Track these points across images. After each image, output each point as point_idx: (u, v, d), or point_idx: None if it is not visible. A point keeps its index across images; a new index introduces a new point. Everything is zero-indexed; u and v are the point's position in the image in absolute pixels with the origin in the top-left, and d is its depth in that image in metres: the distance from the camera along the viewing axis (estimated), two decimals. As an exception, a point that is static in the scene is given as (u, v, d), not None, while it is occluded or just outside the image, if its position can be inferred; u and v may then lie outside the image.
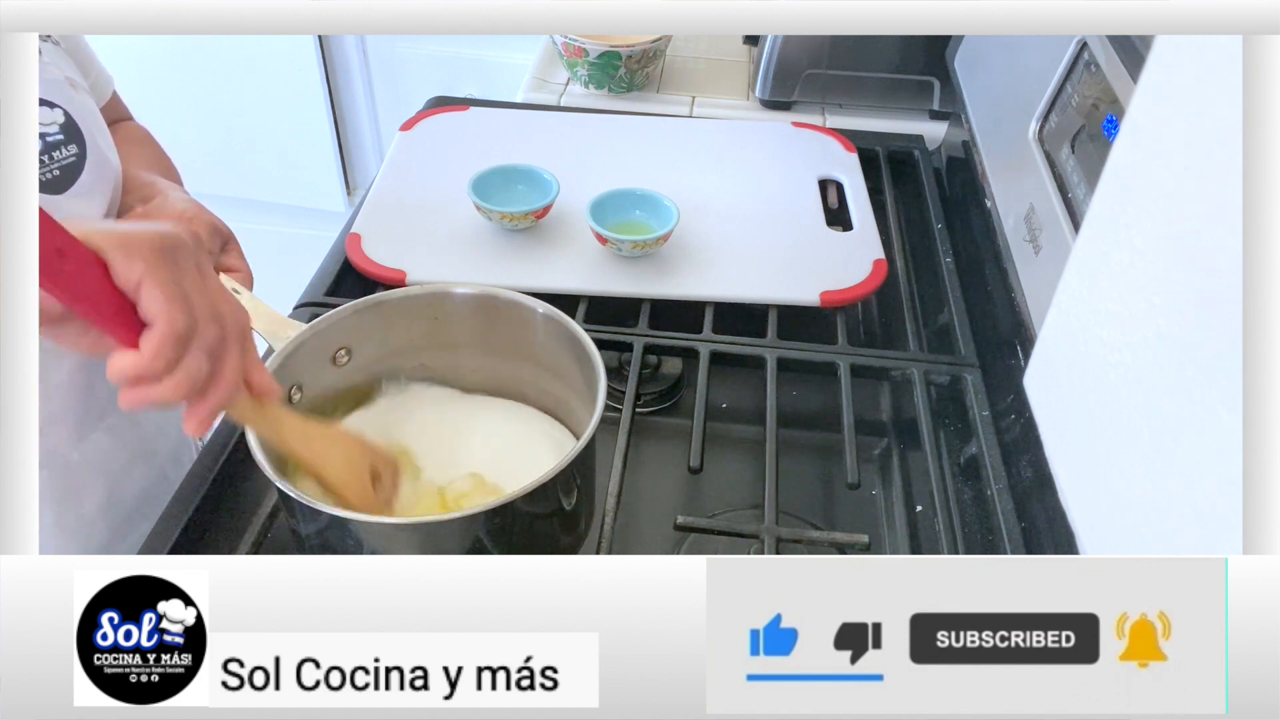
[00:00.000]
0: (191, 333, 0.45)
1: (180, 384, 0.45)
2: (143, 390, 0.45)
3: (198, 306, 0.46)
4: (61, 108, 0.63)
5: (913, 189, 1.08)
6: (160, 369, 0.45)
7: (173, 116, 0.94)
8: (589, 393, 0.63)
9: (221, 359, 0.47)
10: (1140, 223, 0.46)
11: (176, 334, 0.44)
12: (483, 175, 0.92)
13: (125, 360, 0.44)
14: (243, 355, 0.49)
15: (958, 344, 0.84)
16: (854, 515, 0.78)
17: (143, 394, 0.45)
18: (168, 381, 0.45)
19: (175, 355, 0.45)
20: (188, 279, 0.46)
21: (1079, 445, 0.53)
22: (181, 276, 0.45)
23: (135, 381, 0.45)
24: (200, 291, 0.46)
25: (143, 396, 0.45)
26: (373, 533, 0.56)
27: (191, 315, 0.45)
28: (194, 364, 0.46)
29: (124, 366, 0.44)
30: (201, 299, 0.46)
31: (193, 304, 0.45)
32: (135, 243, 0.44)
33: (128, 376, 0.45)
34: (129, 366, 0.44)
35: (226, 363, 0.48)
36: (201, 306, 0.46)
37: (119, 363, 0.45)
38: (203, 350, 0.46)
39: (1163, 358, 0.43)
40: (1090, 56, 0.69)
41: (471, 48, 1.79)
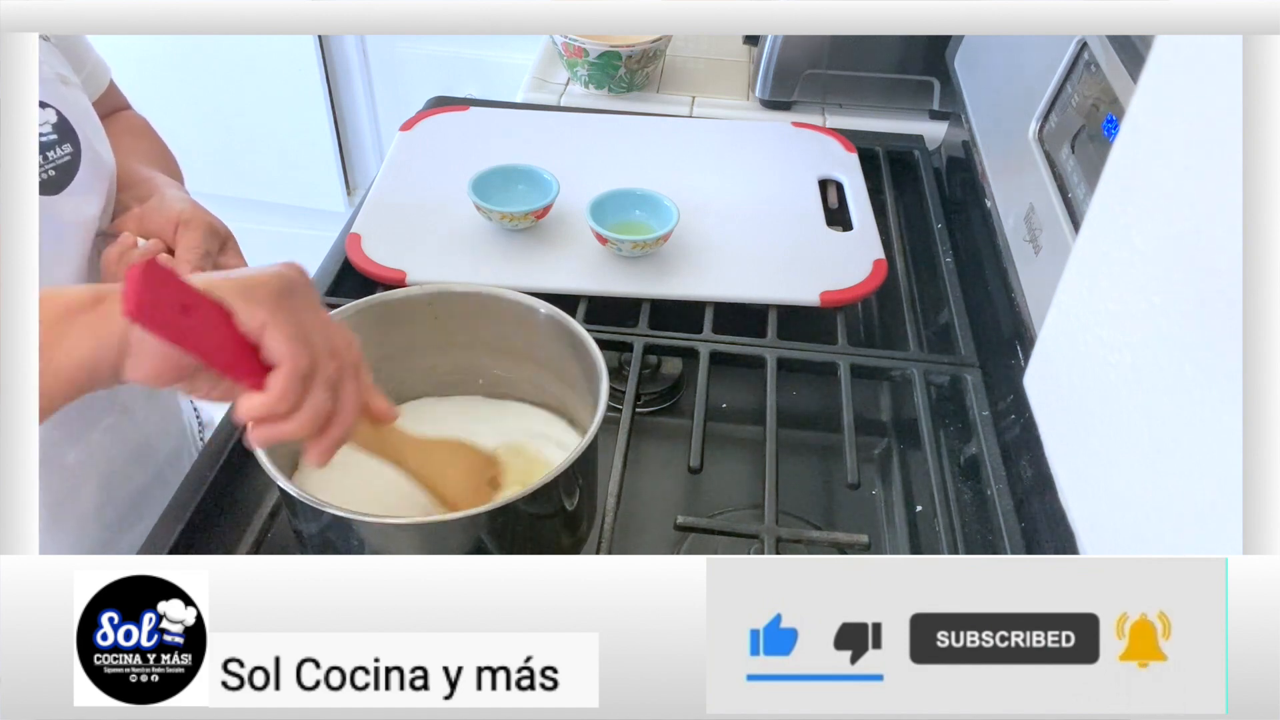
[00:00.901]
0: (313, 371, 0.47)
1: (306, 420, 0.47)
2: (272, 428, 0.47)
3: (317, 344, 0.48)
4: (54, 107, 0.62)
5: (913, 189, 1.08)
6: (287, 408, 0.46)
7: (173, 116, 0.94)
8: (590, 393, 0.63)
9: (341, 392, 0.49)
10: (1140, 223, 0.46)
11: (300, 374, 0.46)
12: (483, 175, 0.92)
13: (254, 401, 0.46)
14: (360, 384, 0.51)
15: (958, 344, 0.84)
16: (854, 515, 0.78)
17: (272, 432, 0.47)
18: (295, 419, 0.47)
19: (300, 394, 0.47)
20: (306, 319, 0.48)
21: (1079, 445, 0.53)
22: (300, 317, 0.47)
23: (263, 420, 0.47)
24: (318, 329, 0.48)
25: (272, 435, 0.48)
26: (375, 532, 0.56)
27: (312, 354, 0.47)
28: (318, 400, 0.47)
29: (253, 407, 0.46)
30: (320, 337, 0.48)
31: (313, 343, 0.47)
32: (257, 289, 0.46)
33: (256, 416, 0.47)
34: (257, 407, 0.46)
35: (346, 395, 0.50)
36: (320, 344, 0.48)
37: (248, 404, 0.47)
38: (325, 386, 0.48)
39: (1163, 358, 0.43)
40: (1090, 56, 0.69)
41: (471, 48, 1.79)
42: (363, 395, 0.52)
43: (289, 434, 0.48)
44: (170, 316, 0.43)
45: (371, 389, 0.54)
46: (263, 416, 0.47)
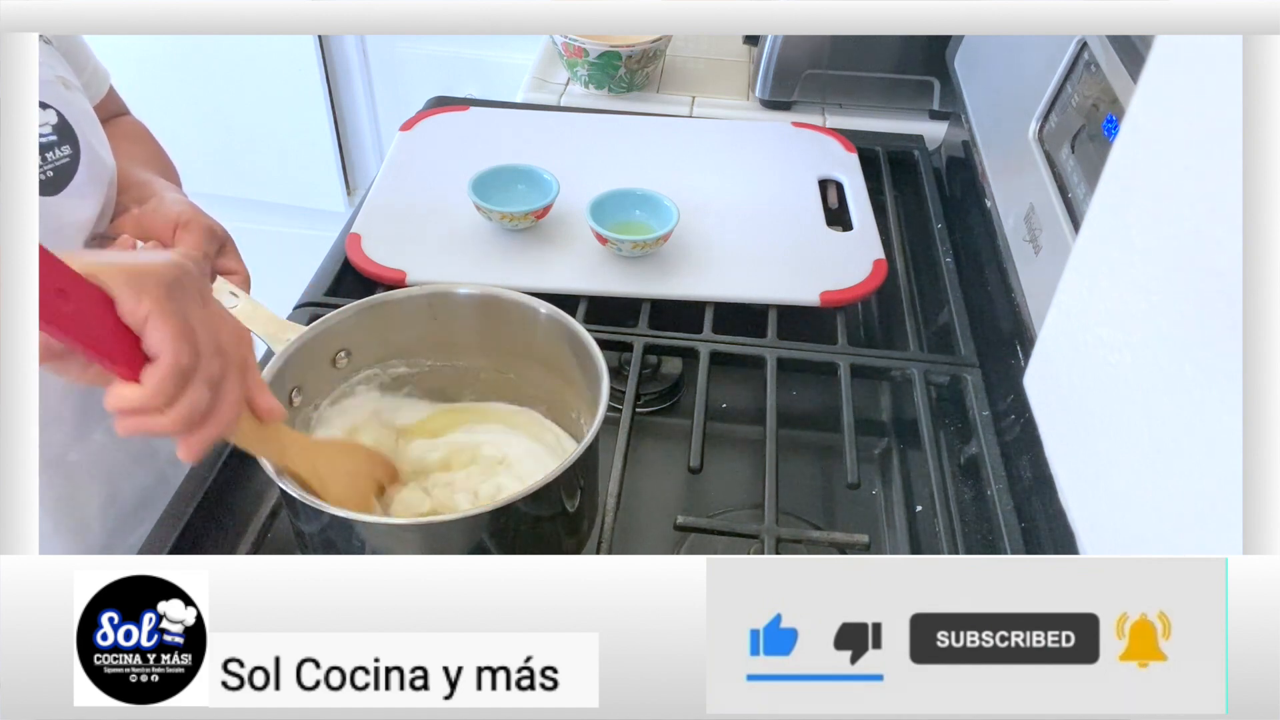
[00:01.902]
0: (194, 367, 0.46)
1: (179, 417, 0.46)
2: (141, 421, 0.46)
3: (202, 341, 0.46)
4: (54, 108, 0.62)
5: (913, 189, 1.08)
6: (161, 403, 0.45)
7: (173, 116, 0.94)
8: (590, 393, 0.63)
9: (222, 390, 0.48)
10: (1140, 223, 0.46)
11: (180, 370, 0.45)
12: (483, 175, 0.92)
13: (126, 392, 0.45)
14: (243, 384, 0.50)
15: (958, 344, 0.84)
16: (854, 515, 0.78)
17: (141, 424, 0.46)
18: (168, 414, 0.46)
19: (176, 390, 0.45)
20: (193, 312, 0.46)
21: (1079, 445, 0.53)
22: (188, 310, 0.46)
23: (134, 413, 0.46)
24: (205, 324, 0.47)
25: (140, 426, 0.46)
26: (376, 533, 0.56)
27: (195, 350, 0.46)
28: (195, 398, 0.46)
29: (125, 398, 0.45)
30: (206, 332, 0.47)
31: (197, 338, 0.46)
32: (143, 278, 0.44)
33: (127, 408, 0.45)
34: (130, 399, 0.45)
35: (226, 394, 0.48)
36: (205, 340, 0.46)
37: (119, 394, 0.45)
38: (204, 383, 0.47)
39: (1163, 358, 0.43)
40: (1090, 56, 0.69)
41: (471, 48, 1.79)
42: (246, 393, 0.51)
43: (159, 429, 0.46)
44: (45, 299, 0.41)
45: (259, 385, 0.52)
46: (134, 409, 0.45)
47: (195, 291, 0.47)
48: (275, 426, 0.55)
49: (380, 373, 0.70)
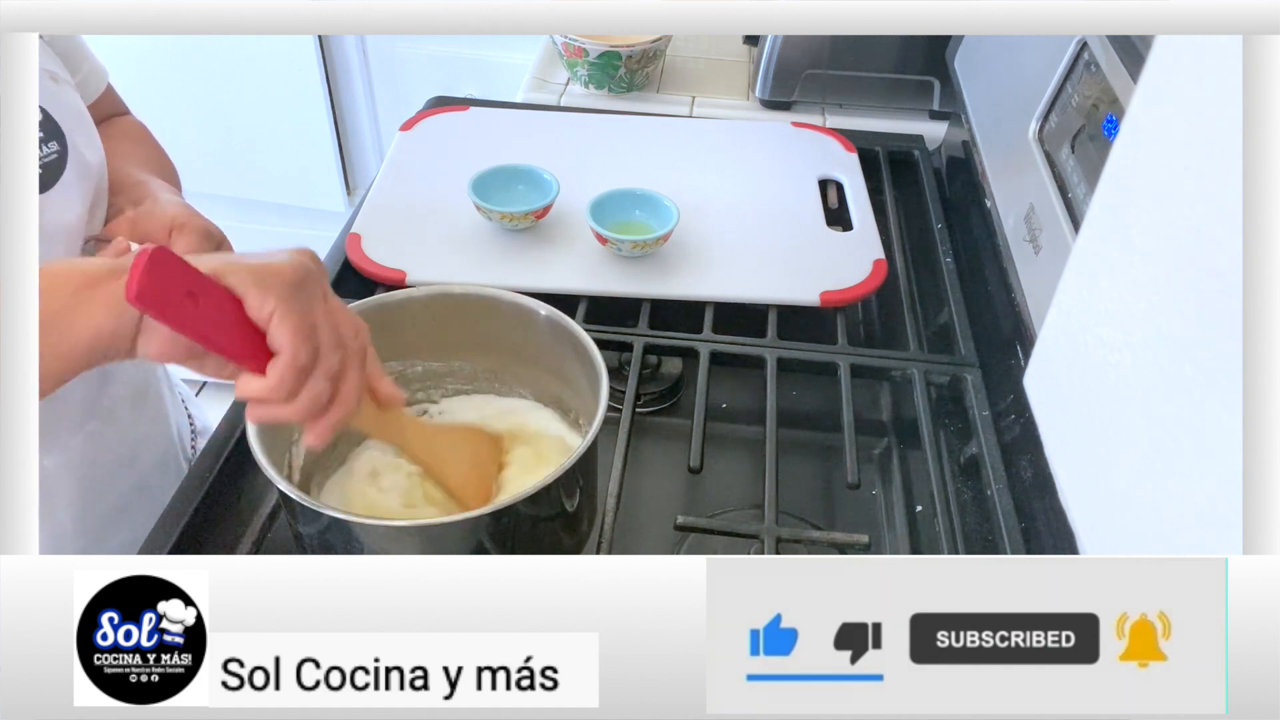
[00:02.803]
0: (314, 362, 0.48)
1: (302, 408, 0.49)
2: (268, 410, 0.49)
3: (323, 337, 0.49)
4: (39, 105, 0.62)
5: (913, 189, 1.08)
6: (284, 395, 0.48)
7: (173, 116, 0.94)
8: (590, 394, 0.63)
9: (342, 381, 0.51)
10: (1140, 223, 0.46)
11: (299, 366, 0.48)
12: (483, 175, 0.92)
13: (252, 385, 0.48)
14: (363, 374, 0.53)
15: (958, 344, 0.84)
16: (854, 515, 0.78)
17: (268, 413, 0.49)
18: (291, 405, 0.49)
19: (298, 384, 0.48)
20: (316, 310, 0.49)
21: (1079, 445, 0.53)
22: (310, 308, 0.48)
23: (260, 403, 0.49)
24: (325, 320, 0.49)
25: (268, 415, 0.50)
26: (374, 535, 0.56)
27: (315, 346, 0.48)
28: (316, 390, 0.49)
29: (251, 390, 0.48)
30: (327, 328, 0.49)
31: (318, 335, 0.49)
32: (269, 278, 0.47)
33: (254, 399, 0.49)
34: (255, 391, 0.48)
35: (347, 385, 0.51)
36: (326, 336, 0.49)
37: (247, 385, 0.48)
38: (325, 377, 0.49)
39: (1163, 358, 0.43)
40: (1090, 56, 0.69)
41: (471, 48, 1.79)
42: (366, 381, 0.53)
43: (285, 418, 0.49)
44: (175, 302, 0.43)
45: (378, 373, 0.55)
46: (260, 399, 0.48)
47: (317, 289, 0.50)
48: (396, 412, 0.58)
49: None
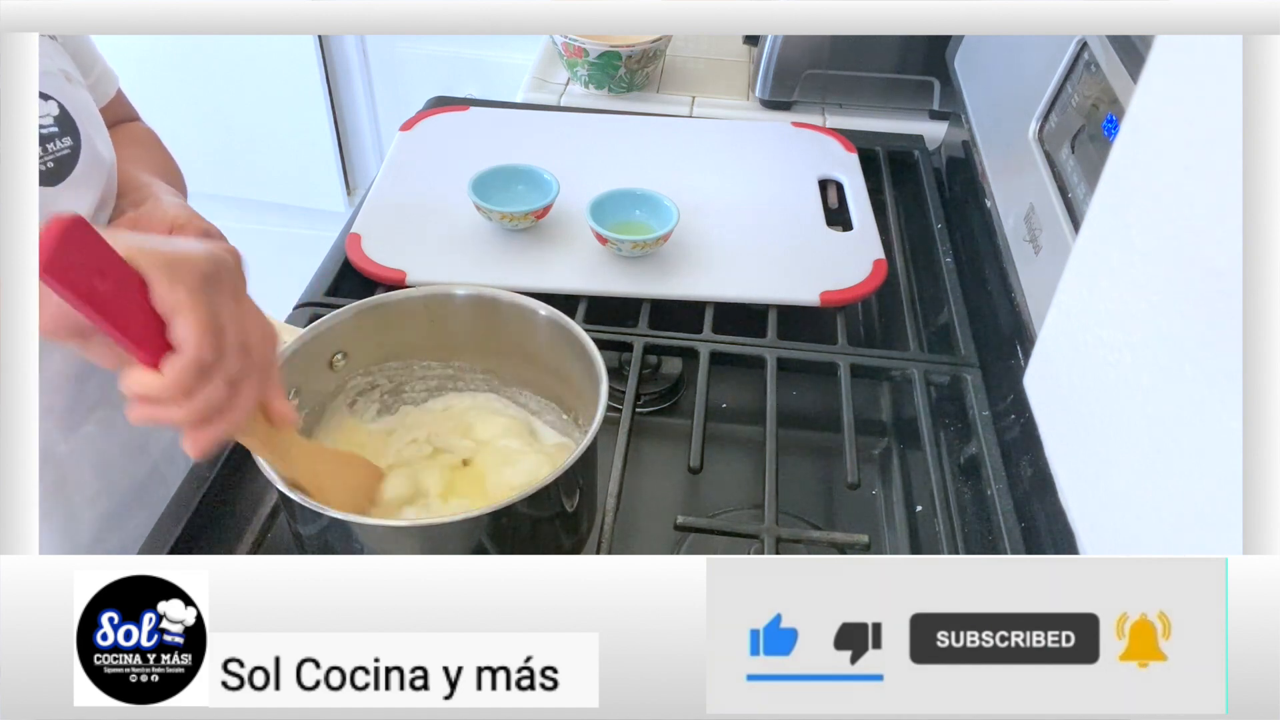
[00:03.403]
0: (215, 363, 0.45)
1: (192, 411, 0.46)
2: (154, 410, 0.46)
3: (228, 337, 0.46)
4: (56, 100, 0.62)
5: (913, 189, 1.08)
6: (177, 395, 0.45)
7: (173, 116, 0.94)
8: (590, 394, 0.63)
9: (239, 389, 0.48)
10: (1140, 223, 0.46)
11: (201, 364, 0.45)
12: (483, 175, 0.92)
13: (143, 379, 0.44)
14: (261, 387, 0.50)
15: (958, 344, 0.84)
16: (854, 515, 0.78)
17: (153, 413, 0.46)
18: (182, 407, 0.45)
19: (194, 384, 0.45)
20: (225, 308, 0.46)
21: (1079, 445, 0.53)
22: (219, 305, 0.45)
23: (149, 401, 0.45)
24: (235, 321, 0.46)
25: (152, 416, 0.46)
26: (374, 536, 0.56)
27: (219, 346, 0.45)
28: (211, 393, 0.46)
29: (141, 385, 0.45)
30: (234, 329, 0.46)
31: (224, 335, 0.46)
32: (181, 267, 0.44)
33: (142, 396, 0.45)
34: (147, 386, 0.44)
35: (243, 394, 0.48)
36: (232, 337, 0.46)
37: (136, 380, 0.45)
38: (222, 382, 0.46)
39: (1163, 358, 0.43)
40: (1090, 56, 0.69)
41: (471, 48, 1.79)
42: (263, 395, 0.50)
43: (171, 420, 0.46)
44: (82, 278, 0.41)
45: (277, 389, 0.52)
46: (149, 397, 0.45)
47: (230, 286, 0.47)
48: (285, 433, 0.55)
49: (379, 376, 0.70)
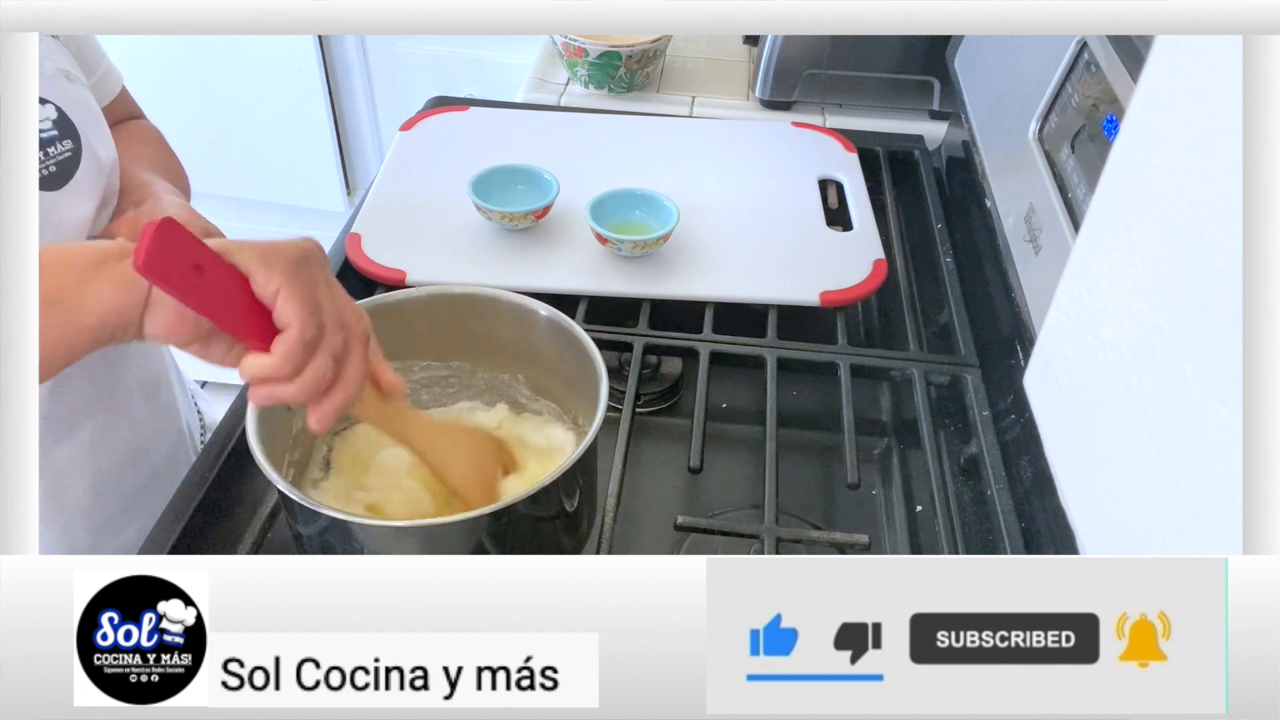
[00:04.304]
0: (319, 340, 0.49)
1: (306, 386, 0.49)
2: (271, 389, 0.49)
3: (327, 316, 0.49)
4: (53, 103, 0.62)
5: (913, 189, 1.08)
6: (289, 372, 0.48)
7: (173, 116, 0.94)
8: (590, 394, 0.63)
9: (345, 363, 0.51)
10: (1140, 223, 0.46)
11: (305, 341, 0.48)
12: (483, 175, 0.92)
13: (258, 363, 0.48)
14: (365, 357, 0.53)
15: (958, 344, 0.84)
16: (854, 515, 0.78)
17: (271, 393, 0.49)
18: (296, 383, 0.49)
19: (303, 360, 0.48)
20: (319, 289, 0.49)
21: (1079, 445, 0.53)
22: (314, 287, 0.49)
23: (264, 381, 0.49)
24: (329, 301, 0.50)
25: (271, 395, 0.49)
26: (374, 536, 0.56)
27: (320, 324, 0.49)
28: (320, 368, 0.49)
29: (256, 368, 0.48)
30: (330, 308, 0.50)
31: (322, 313, 0.49)
32: (274, 256, 0.48)
33: (258, 377, 0.49)
34: (260, 368, 0.48)
35: (350, 366, 0.51)
36: (330, 315, 0.49)
37: (252, 365, 0.48)
38: (328, 355, 0.49)
39: (1163, 358, 0.43)
40: (1090, 56, 0.69)
41: (471, 48, 1.79)
42: (369, 367, 0.53)
43: (288, 397, 0.49)
44: (182, 273, 0.44)
45: (380, 362, 0.55)
46: (264, 377, 0.48)
47: (319, 271, 0.50)
48: (398, 403, 0.58)
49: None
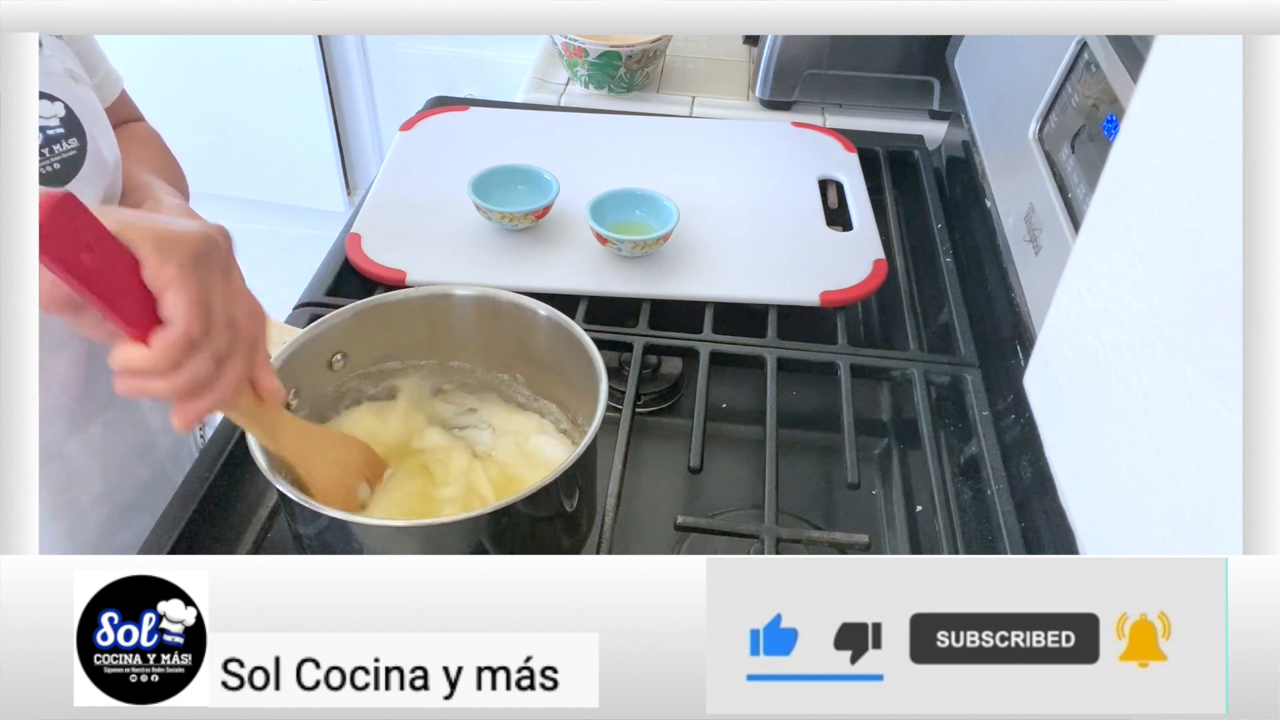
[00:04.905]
0: (203, 338, 0.47)
1: (180, 385, 0.47)
2: (141, 382, 0.47)
3: (216, 314, 0.47)
4: (62, 101, 0.63)
5: (913, 189, 1.08)
6: (165, 368, 0.46)
7: (173, 116, 0.94)
8: (590, 394, 0.63)
9: (226, 365, 0.49)
10: (1140, 223, 0.46)
11: (189, 339, 0.46)
12: (483, 175, 0.92)
13: (133, 353, 0.46)
14: (248, 362, 0.51)
15: (958, 344, 0.84)
16: (854, 515, 0.78)
17: (141, 386, 0.47)
18: (169, 380, 0.47)
19: (182, 358, 0.46)
20: (214, 285, 0.47)
21: (1079, 445, 0.53)
22: (209, 282, 0.47)
23: (137, 374, 0.46)
24: (223, 298, 0.48)
25: (140, 388, 0.47)
26: (374, 536, 0.56)
27: (208, 322, 0.47)
28: (198, 368, 0.47)
29: (129, 359, 0.46)
30: (222, 306, 0.48)
31: (213, 311, 0.47)
32: (172, 243, 0.46)
33: (130, 369, 0.46)
34: (135, 360, 0.46)
35: (230, 369, 0.49)
36: (220, 314, 0.47)
37: (125, 354, 0.46)
38: (210, 355, 0.47)
39: (1163, 358, 0.43)
40: (1090, 56, 0.69)
41: (471, 48, 1.79)
42: (250, 371, 0.52)
43: (158, 393, 0.47)
44: (71, 252, 0.42)
45: (265, 364, 0.53)
46: (137, 370, 0.46)
47: (219, 264, 0.48)
48: (273, 408, 0.56)
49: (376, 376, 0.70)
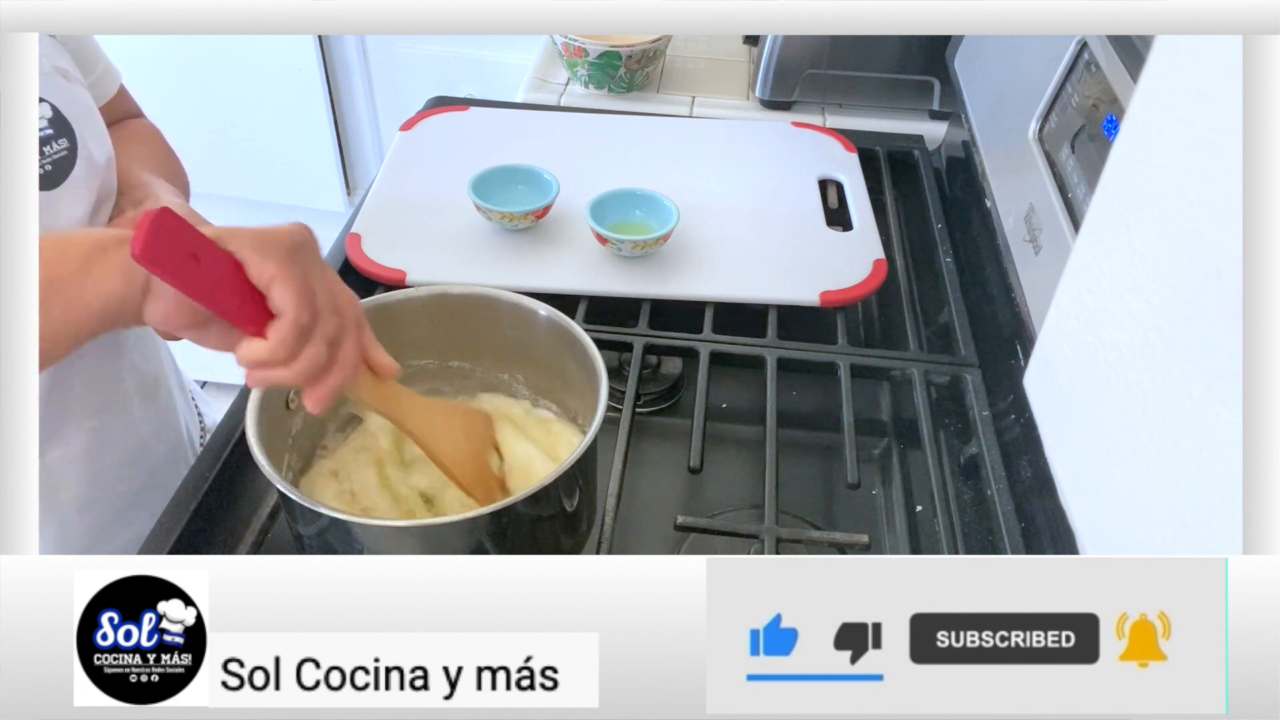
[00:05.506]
0: (314, 324, 0.50)
1: (302, 370, 0.50)
2: (267, 373, 0.50)
3: (321, 301, 0.50)
4: (49, 102, 0.62)
5: (913, 189, 1.08)
6: (284, 357, 0.49)
7: (173, 116, 0.94)
8: (590, 394, 0.63)
9: (340, 346, 0.52)
10: (1140, 223, 0.46)
11: (300, 325, 0.49)
12: (483, 175, 0.92)
13: (253, 348, 0.49)
14: (360, 340, 0.54)
15: (958, 344, 0.84)
16: (854, 515, 0.78)
17: (267, 376, 0.51)
18: (292, 367, 0.50)
19: (298, 345, 0.50)
20: (313, 274, 0.50)
21: (1079, 445, 0.53)
22: (308, 272, 0.50)
23: (261, 366, 0.50)
24: (322, 286, 0.51)
25: (267, 379, 0.51)
26: (374, 536, 0.56)
27: (314, 308, 0.50)
28: (315, 352, 0.50)
29: (252, 353, 0.49)
30: (324, 293, 0.51)
31: (316, 298, 0.50)
32: (268, 242, 0.49)
33: (254, 362, 0.50)
34: (257, 353, 0.49)
35: (344, 349, 0.52)
36: (324, 300, 0.51)
37: (247, 350, 0.50)
38: (323, 339, 0.50)
39: (1163, 358, 0.43)
40: (1090, 56, 0.69)
41: (471, 48, 1.79)
42: (362, 350, 0.54)
43: (284, 380, 0.50)
44: (178, 262, 0.45)
45: (374, 344, 0.56)
46: (261, 362, 0.49)
47: (312, 256, 0.51)
48: (391, 384, 0.58)
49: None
